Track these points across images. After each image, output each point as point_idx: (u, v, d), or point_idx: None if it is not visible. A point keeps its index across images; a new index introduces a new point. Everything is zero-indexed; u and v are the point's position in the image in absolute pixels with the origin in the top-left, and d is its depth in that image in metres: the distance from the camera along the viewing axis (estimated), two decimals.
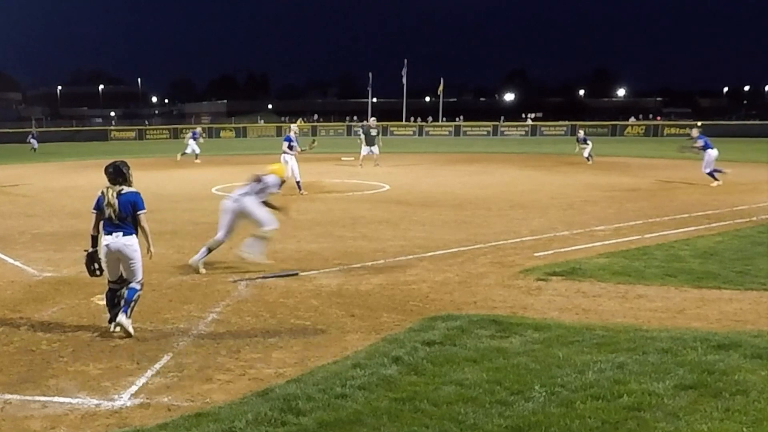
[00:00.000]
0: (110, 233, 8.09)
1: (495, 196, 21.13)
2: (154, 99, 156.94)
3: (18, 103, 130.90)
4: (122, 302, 8.05)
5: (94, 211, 8.28)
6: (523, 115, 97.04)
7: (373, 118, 35.40)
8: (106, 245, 8.08)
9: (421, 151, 47.81)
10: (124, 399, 6.24)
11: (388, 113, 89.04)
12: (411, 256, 12.19)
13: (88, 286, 10.24)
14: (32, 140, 53.69)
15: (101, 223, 8.20)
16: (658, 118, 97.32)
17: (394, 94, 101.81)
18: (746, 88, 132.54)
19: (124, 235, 8.08)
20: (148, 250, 8.27)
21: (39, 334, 8.13)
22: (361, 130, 35.94)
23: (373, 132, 33.49)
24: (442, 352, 7.13)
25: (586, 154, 32.80)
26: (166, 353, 7.38)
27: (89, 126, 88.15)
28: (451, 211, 17.76)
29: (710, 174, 23.89)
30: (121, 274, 8.24)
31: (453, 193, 21.89)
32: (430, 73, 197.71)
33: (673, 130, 71.15)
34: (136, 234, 8.21)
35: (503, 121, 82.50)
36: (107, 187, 8.16)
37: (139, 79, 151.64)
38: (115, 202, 8.02)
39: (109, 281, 8.29)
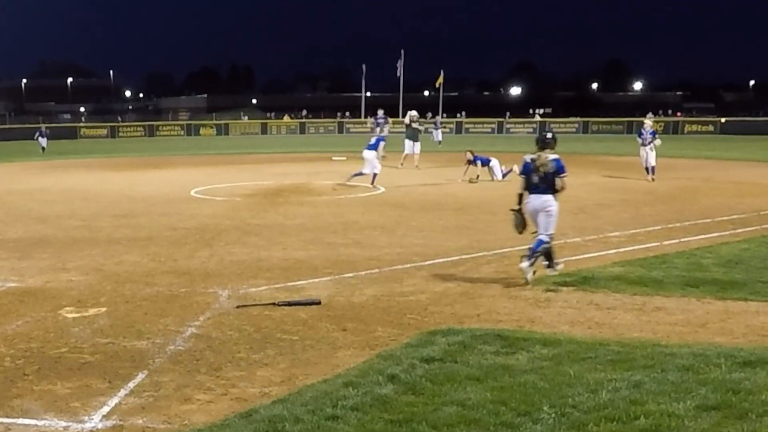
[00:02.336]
0: (533, 192, 10.80)
1: (500, 198, 21.11)
2: (128, 93, 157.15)
3: None
4: (528, 250, 10.58)
5: (523, 175, 10.94)
6: (531, 111, 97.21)
7: (414, 111, 33.76)
8: (528, 203, 10.84)
9: (420, 149, 47.79)
10: (94, 421, 6.22)
11: (383, 109, 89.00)
12: (408, 265, 12.20)
13: (55, 298, 10.24)
14: (40, 138, 50.86)
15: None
16: (678, 114, 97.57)
17: (390, 88, 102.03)
18: None
19: (544, 194, 10.72)
20: None
21: (2, 350, 8.11)
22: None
23: (418, 126, 32.90)
24: (442, 369, 7.13)
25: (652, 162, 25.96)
26: (140, 371, 7.36)
27: (57, 123, 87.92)
28: (452, 216, 17.77)
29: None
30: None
31: (454, 196, 21.91)
32: (428, 65, 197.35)
33: (694, 127, 71.36)
34: (554, 194, 10.76)
35: (509, 118, 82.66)
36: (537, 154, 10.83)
37: (111, 72, 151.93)
38: (546, 165, 10.70)
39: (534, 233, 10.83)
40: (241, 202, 21.06)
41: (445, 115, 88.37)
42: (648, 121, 27.77)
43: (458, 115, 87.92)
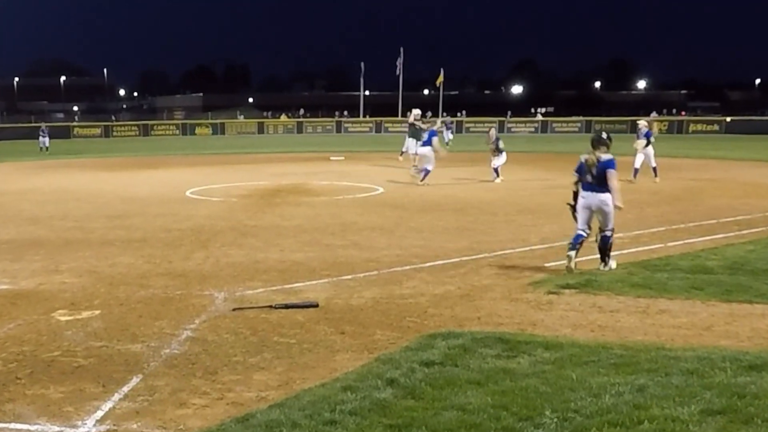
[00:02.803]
0: (588, 190, 11.68)
1: (501, 199, 21.16)
2: (122, 92, 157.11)
3: None
4: (599, 252, 11.71)
5: (576, 174, 11.90)
6: (533, 110, 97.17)
7: (417, 110, 34.02)
8: (583, 197, 11.75)
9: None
10: (88, 426, 6.22)
11: (381, 108, 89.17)
12: (407, 267, 12.20)
13: (48, 301, 10.24)
14: (42, 138, 50.54)
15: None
16: (683, 113, 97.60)
17: (389, 87, 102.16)
18: None
19: (599, 192, 11.59)
20: (615, 205, 11.55)
21: None
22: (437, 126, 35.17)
23: (421, 125, 32.76)
24: (442, 373, 7.13)
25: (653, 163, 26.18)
26: (135, 375, 7.36)
27: (50, 122, 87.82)
28: (452, 217, 17.77)
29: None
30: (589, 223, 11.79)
31: (454, 197, 21.91)
32: (428, 63, 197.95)
33: (699, 127, 71.46)
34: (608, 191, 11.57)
35: (510, 117, 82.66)
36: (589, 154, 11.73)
37: (105, 70, 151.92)
38: (596, 165, 11.56)
39: (579, 228, 11.78)
40: (237, 203, 21.06)
41: (445, 114, 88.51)
42: (642, 122, 27.80)
43: (459, 114, 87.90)
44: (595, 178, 11.58)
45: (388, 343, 8.25)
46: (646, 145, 25.52)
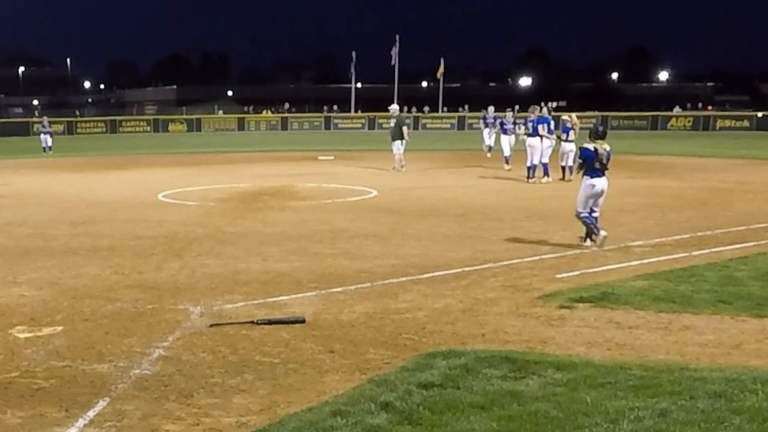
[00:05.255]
0: (598, 176, 14.31)
1: (508, 203, 21.18)
2: (87, 84, 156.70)
3: None
4: (593, 228, 14.40)
5: (588, 160, 14.31)
6: (542, 104, 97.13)
7: (395, 105, 33.63)
8: (593, 185, 14.28)
9: (417, 148, 47.84)
10: None
11: (375, 102, 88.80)
12: (404, 279, 12.22)
13: (5, 316, 10.24)
14: (43, 135, 48.88)
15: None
16: (709, 107, 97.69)
17: (383, 79, 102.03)
18: None
19: (605, 178, 14.45)
20: None
21: None
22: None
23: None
24: (442, 396, 7.13)
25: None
26: (101, 398, 7.35)
27: (7, 117, 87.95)
28: (453, 223, 17.79)
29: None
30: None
31: (456, 200, 21.93)
32: (427, 52, 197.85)
33: (727, 123, 71.51)
34: None
35: (518, 112, 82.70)
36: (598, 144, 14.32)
37: (68, 60, 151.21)
38: (604, 154, 14.25)
39: (586, 212, 14.47)
40: (215, 208, 21.07)
41: (445, 108, 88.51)
42: (568, 117, 27.93)
43: (460, 108, 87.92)
44: (603, 166, 14.28)
45: (383, 363, 8.25)
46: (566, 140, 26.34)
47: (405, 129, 31.27)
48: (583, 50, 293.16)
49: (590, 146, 14.31)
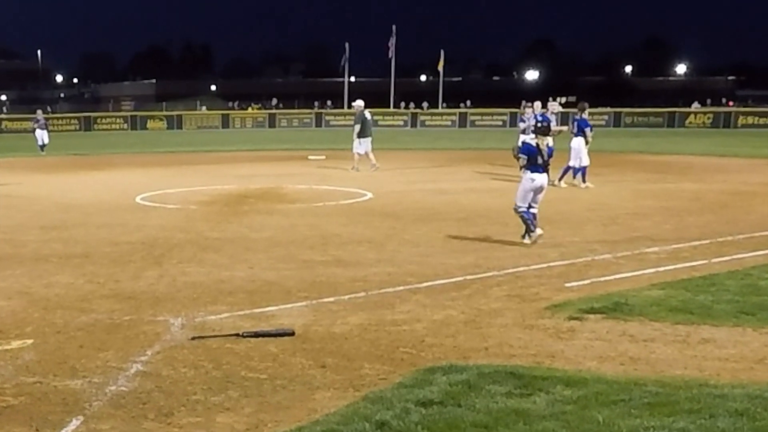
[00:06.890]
0: (538, 172, 15.45)
1: (511, 206, 21.15)
2: (60, 78, 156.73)
3: None
4: (531, 224, 15.54)
5: (528, 156, 15.41)
6: (550, 99, 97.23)
7: (360, 101, 33.15)
8: (533, 179, 15.41)
9: (415, 146, 47.98)
10: None
11: (370, 96, 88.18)
12: (401, 288, 12.22)
13: None
14: (39, 132, 47.39)
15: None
16: (731, 103, 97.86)
17: (379, 72, 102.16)
18: None
19: (546, 173, 15.74)
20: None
21: None
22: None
23: (369, 117, 32.60)
24: (442, 415, 7.14)
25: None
26: (74, 416, 7.35)
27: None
28: (454, 228, 17.80)
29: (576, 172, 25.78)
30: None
31: (457, 203, 21.93)
32: (426, 44, 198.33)
33: (750, 120, 71.50)
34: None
35: (524, 107, 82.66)
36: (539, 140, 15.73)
37: (39, 52, 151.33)
38: (545, 150, 15.51)
39: (525, 207, 15.54)
40: (197, 211, 21.07)
41: (445, 104, 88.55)
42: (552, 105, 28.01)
43: (462, 104, 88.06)
44: (544, 162, 15.50)
45: (378, 379, 8.26)
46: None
47: (356, 126, 31.20)
48: (594, 41, 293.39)
49: (533, 142, 15.89)
